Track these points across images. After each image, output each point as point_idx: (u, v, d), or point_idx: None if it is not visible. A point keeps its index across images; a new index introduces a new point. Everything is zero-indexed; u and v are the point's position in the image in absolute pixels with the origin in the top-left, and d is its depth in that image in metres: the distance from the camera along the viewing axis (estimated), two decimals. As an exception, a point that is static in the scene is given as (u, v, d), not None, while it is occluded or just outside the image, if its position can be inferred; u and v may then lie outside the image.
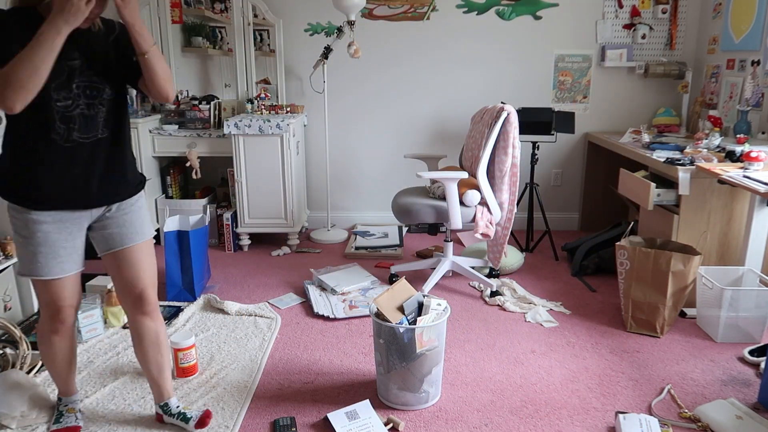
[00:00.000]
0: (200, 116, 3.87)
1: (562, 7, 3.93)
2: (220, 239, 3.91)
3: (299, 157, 3.95)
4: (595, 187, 4.14)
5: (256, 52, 3.98)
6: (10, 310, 2.69)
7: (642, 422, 1.91)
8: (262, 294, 3.11)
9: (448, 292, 3.12)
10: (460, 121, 4.13)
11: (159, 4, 3.86)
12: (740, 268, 2.64)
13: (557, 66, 4.03)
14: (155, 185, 3.91)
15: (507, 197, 2.95)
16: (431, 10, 3.96)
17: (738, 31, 3.46)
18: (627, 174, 3.03)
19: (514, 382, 2.25)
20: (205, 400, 2.11)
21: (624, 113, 4.10)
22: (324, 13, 3.96)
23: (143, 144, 3.69)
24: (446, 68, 4.06)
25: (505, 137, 2.84)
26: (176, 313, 2.81)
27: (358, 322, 2.77)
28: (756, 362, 2.35)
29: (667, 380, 2.25)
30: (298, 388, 2.21)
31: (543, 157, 4.16)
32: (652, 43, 3.95)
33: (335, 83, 4.06)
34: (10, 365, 2.21)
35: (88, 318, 2.56)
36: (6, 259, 2.63)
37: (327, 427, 1.97)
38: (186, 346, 2.23)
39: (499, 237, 3.06)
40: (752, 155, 2.51)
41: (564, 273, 3.41)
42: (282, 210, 3.73)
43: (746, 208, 2.70)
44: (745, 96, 3.37)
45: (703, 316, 2.66)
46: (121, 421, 2.00)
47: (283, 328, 2.72)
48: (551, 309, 2.89)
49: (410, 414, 2.04)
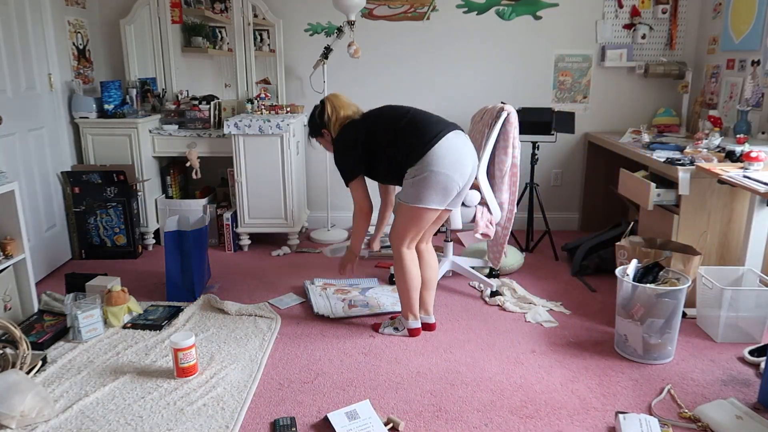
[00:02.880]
0: (200, 116, 3.86)
1: (562, 7, 3.93)
2: (220, 239, 3.91)
3: (299, 157, 3.95)
4: (595, 187, 4.14)
5: (256, 52, 3.98)
6: (10, 310, 2.69)
7: (642, 422, 1.91)
8: (262, 294, 3.11)
9: (448, 292, 3.12)
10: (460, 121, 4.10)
11: (159, 4, 3.86)
12: (740, 268, 2.64)
13: (557, 66, 4.03)
14: (155, 185, 3.91)
15: (507, 197, 2.95)
16: (431, 10, 3.96)
17: (738, 31, 3.46)
18: (627, 174, 3.03)
19: (514, 382, 2.25)
20: (205, 400, 2.11)
21: (624, 113, 4.10)
22: (324, 13, 3.96)
23: (143, 144, 3.69)
24: (446, 68, 4.06)
25: (505, 137, 2.84)
26: (176, 313, 2.81)
27: (358, 322, 2.77)
28: (756, 362, 2.35)
29: (667, 380, 2.25)
30: (298, 388, 2.21)
31: (543, 157, 4.16)
32: (652, 43, 3.95)
33: (335, 83, 4.06)
34: (10, 365, 2.21)
35: (88, 318, 2.56)
36: (6, 259, 2.63)
37: (327, 427, 1.97)
38: (186, 346, 2.23)
39: (499, 237, 3.06)
40: (752, 155, 2.51)
41: (564, 273, 3.41)
42: (282, 210, 3.73)
43: (746, 208, 2.70)
44: (745, 96, 3.37)
45: (703, 316, 2.66)
46: (121, 420, 2.00)
47: (283, 328, 2.72)
48: (551, 309, 2.89)
49: (410, 414, 2.04)
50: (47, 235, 3.39)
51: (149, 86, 3.95)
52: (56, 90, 3.48)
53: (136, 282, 3.29)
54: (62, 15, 3.55)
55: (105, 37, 4.00)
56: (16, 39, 3.11)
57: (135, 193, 3.67)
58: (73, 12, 3.67)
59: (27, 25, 3.20)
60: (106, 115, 3.68)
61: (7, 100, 3.05)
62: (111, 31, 3.98)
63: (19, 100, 3.15)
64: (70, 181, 3.56)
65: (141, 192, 3.72)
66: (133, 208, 3.64)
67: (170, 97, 4.00)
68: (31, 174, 3.25)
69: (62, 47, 3.55)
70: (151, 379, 2.26)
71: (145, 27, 3.93)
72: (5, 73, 3.03)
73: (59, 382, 2.24)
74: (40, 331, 2.61)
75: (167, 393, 2.16)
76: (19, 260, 2.70)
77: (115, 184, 3.57)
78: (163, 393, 2.16)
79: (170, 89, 4.01)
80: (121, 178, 3.55)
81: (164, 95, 4.01)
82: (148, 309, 2.86)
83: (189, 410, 2.05)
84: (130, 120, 3.64)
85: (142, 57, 3.98)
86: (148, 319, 2.75)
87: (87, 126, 3.65)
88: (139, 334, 2.63)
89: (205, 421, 1.99)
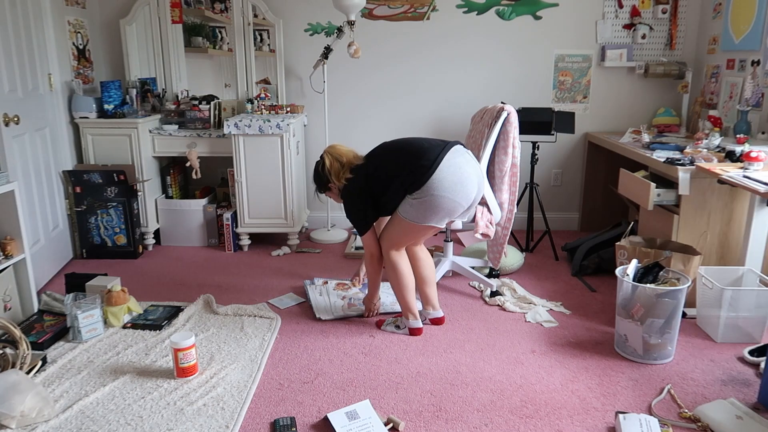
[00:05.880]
0: (200, 116, 3.87)
1: (562, 7, 3.93)
2: (220, 239, 3.91)
3: (299, 157, 3.95)
4: (595, 187, 4.14)
5: (256, 52, 3.98)
6: (10, 310, 2.69)
7: (642, 422, 1.91)
8: (262, 294, 3.11)
9: (448, 292, 3.12)
10: (460, 121, 4.13)
11: (159, 4, 3.86)
12: (740, 268, 2.64)
13: (557, 66, 4.03)
14: (155, 185, 3.91)
15: (507, 197, 2.95)
16: (431, 10, 3.96)
17: (738, 31, 3.46)
18: (627, 174, 3.03)
19: (514, 382, 2.25)
20: (205, 400, 2.11)
21: (624, 113, 4.10)
22: (324, 13, 3.96)
23: (143, 144, 3.69)
24: (446, 68, 4.06)
25: (505, 137, 2.84)
26: (176, 313, 2.81)
27: (359, 321, 2.77)
28: (756, 362, 2.35)
29: (667, 380, 2.25)
30: (298, 388, 2.21)
31: (543, 157, 4.16)
32: (652, 43, 3.95)
33: (335, 83, 4.06)
34: (10, 365, 2.21)
35: (88, 318, 2.56)
36: (6, 259, 2.63)
37: (327, 427, 1.97)
38: (186, 346, 2.23)
39: (499, 237, 3.06)
40: (752, 155, 2.51)
41: (564, 273, 3.41)
42: (282, 210, 3.73)
43: (746, 208, 2.70)
44: (745, 96, 3.37)
45: (703, 316, 2.66)
46: (121, 421, 2.00)
47: (283, 328, 2.72)
48: (551, 309, 2.89)
49: (410, 414, 2.04)
50: (53, 234, 3.39)
51: (149, 86, 3.95)
52: (56, 90, 3.48)
53: (136, 282, 3.29)
54: (62, 15, 3.55)
55: (105, 37, 4.00)
56: (22, 39, 3.11)
57: (135, 193, 3.67)
58: (73, 12, 3.67)
59: (28, 25, 3.20)
60: (106, 115, 3.68)
61: (19, 101, 3.05)
62: (111, 31, 3.98)
63: (28, 100, 3.16)
64: (72, 181, 3.56)
65: (141, 192, 3.72)
66: (133, 208, 3.64)
67: (170, 97, 4.00)
68: (39, 173, 3.26)
69: (62, 47, 3.55)
70: (151, 379, 2.26)
71: (145, 27, 3.93)
72: (16, 74, 3.04)
73: (59, 382, 2.24)
74: (40, 331, 2.61)
75: (167, 393, 2.16)
76: (19, 260, 2.70)
77: (116, 184, 3.57)
78: (163, 393, 2.16)
79: (170, 89, 4.01)
80: (122, 178, 3.55)
81: (164, 95, 4.01)
82: (148, 309, 2.86)
83: (189, 410, 2.05)
84: (130, 120, 3.64)
85: (142, 57, 3.98)
86: (148, 319, 2.75)
87: (87, 126, 3.65)
88: (139, 334, 2.63)
89: (205, 421, 1.99)
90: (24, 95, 3.11)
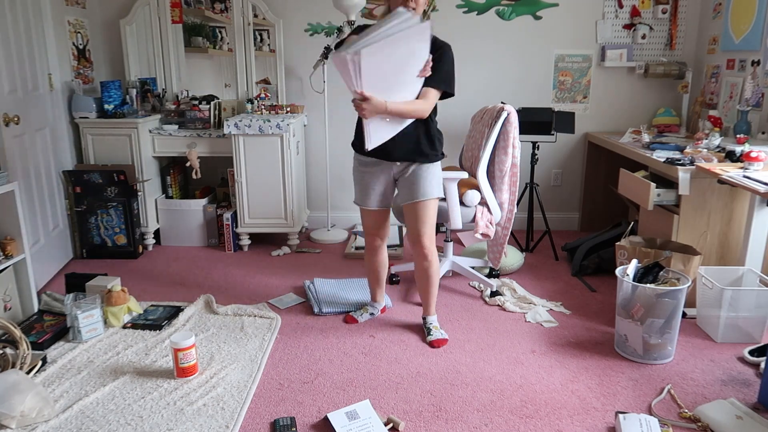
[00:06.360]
0: (200, 116, 3.87)
1: (562, 7, 3.93)
2: (220, 239, 3.91)
3: (299, 157, 3.95)
4: (595, 187, 4.14)
5: (256, 52, 3.98)
6: (10, 310, 2.69)
7: (642, 422, 1.91)
8: (262, 294, 3.11)
9: (448, 292, 3.12)
10: (460, 121, 4.13)
11: (159, 4, 3.86)
12: (740, 268, 2.64)
13: (557, 66, 4.03)
14: (155, 185, 3.91)
15: (507, 197, 2.95)
16: (431, 10, 3.96)
17: (738, 31, 3.46)
18: (627, 174, 3.03)
19: (514, 382, 2.25)
20: (205, 400, 2.11)
21: (624, 113, 4.10)
22: (324, 13, 3.96)
23: (143, 144, 3.69)
24: (446, 68, 4.05)
25: (505, 137, 2.84)
26: (176, 313, 2.81)
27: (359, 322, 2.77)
28: (756, 362, 2.35)
29: (667, 380, 2.25)
30: (298, 388, 2.21)
31: (543, 157, 4.16)
32: (652, 43, 3.95)
33: (335, 83, 4.06)
34: (10, 365, 2.21)
35: (88, 318, 2.56)
36: (6, 259, 2.63)
37: (327, 427, 1.97)
38: (186, 346, 2.23)
39: (499, 237, 3.06)
40: (752, 155, 2.51)
41: (564, 273, 3.41)
42: (282, 210, 3.73)
43: (746, 208, 2.70)
44: (745, 96, 3.37)
45: (703, 316, 2.66)
46: (121, 420, 2.00)
47: (283, 328, 2.72)
48: (551, 309, 2.89)
49: (410, 414, 2.04)
50: (53, 234, 3.39)
51: (149, 86, 3.95)
52: (56, 90, 3.48)
53: (136, 282, 3.29)
54: (62, 15, 3.55)
55: (105, 37, 4.00)
56: (22, 39, 3.11)
57: (135, 193, 3.67)
58: (73, 12, 3.67)
59: (28, 25, 3.20)
60: (106, 115, 3.68)
61: (19, 101, 3.05)
62: (111, 31, 3.98)
63: (29, 100, 3.16)
64: (72, 181, 3.56)
65: (141, 192, 3.72)
66: (133, 208, 3.64)
67: (170, 97, 4.00)
68: (39, 173, 3.25)
69: (62, 47, 3.55)
70: (151, 379, 2.26)
71: (145, 27, 3.93)
72: (16, 74, 3.04)
73: (59, 382, 2.24)
74: (40, 331, 2.61)
75: (167, 393, 2.16)
76: (19, 260, 2.70)
77: (116, 183, 3.57)
78: (163, 393, 2.16)
79: (170, 89, 4.01)
80: (122, 178, 3.55)
81: (164, 95, 4.01)
82: (148, 309, 2.86)
83: (189, 410, 2.05)
84: (130, 120, 3.64)
85: (142, 57, 3.98)
86: (148, 319, 2.75)
87: (87, 126, 3.65)
88: (139, 334, 2.64)
89: (205, 421, 1.99)
90: (24, 95, 3.11)
